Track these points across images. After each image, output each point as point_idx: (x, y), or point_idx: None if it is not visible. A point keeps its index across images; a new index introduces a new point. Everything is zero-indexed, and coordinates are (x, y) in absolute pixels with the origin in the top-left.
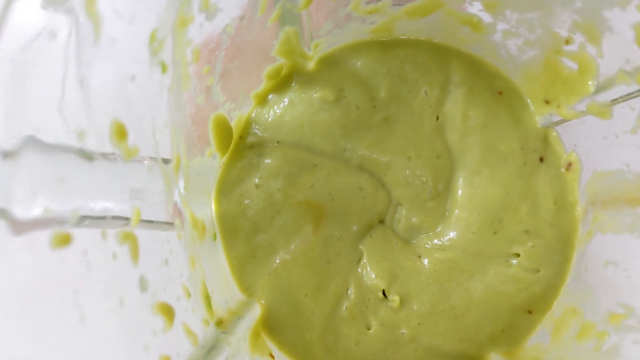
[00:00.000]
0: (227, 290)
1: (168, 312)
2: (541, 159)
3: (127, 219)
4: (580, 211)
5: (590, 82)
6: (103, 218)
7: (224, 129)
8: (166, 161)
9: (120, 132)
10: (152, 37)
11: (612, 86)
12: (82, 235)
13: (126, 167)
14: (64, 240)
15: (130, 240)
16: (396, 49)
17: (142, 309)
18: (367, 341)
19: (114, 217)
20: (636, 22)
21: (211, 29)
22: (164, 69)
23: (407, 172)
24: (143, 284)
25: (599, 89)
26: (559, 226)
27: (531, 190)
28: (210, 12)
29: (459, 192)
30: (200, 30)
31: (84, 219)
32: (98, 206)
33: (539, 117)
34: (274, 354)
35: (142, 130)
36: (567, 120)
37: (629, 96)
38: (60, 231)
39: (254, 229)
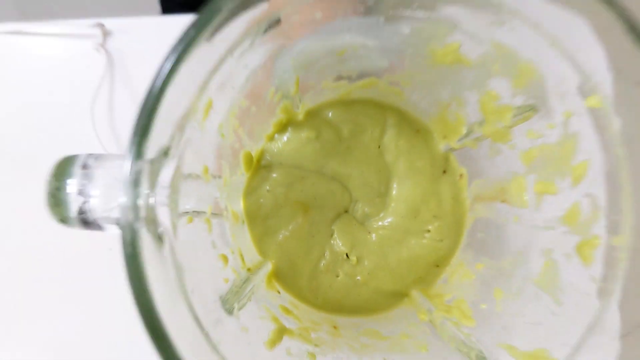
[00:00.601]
0: (251, 254)
1: (225, 259)
2: (444, 172)
3: (205, 212)
4: (468, 204)
5: (463, 128)
6: (198, 212)
7: (249, 158)
8: (218, 179)
9: (205, 170)
10: (220, 126)
11: (473, 132)
12: (194, 219)
13: (206, 185)
14: (190, 220)
15: (208, 223)
16: (353, 106)
17: (214, 256)
18: (337, 285)
19: (200, 212)
20: (478, 98)
21: (244, 108)
22: (222, 136)
23: (362, 180)
24: (214, 245)
25: (468, 133)
26: (455, 213)
27: (437, 191)
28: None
29: (394, 192)
30: (238, 109)
31: (194, 212)
32: (196, 205)
33: (441, 145)
34: (280, 291)
35: (212, 166)
36: (458, 149)
37: (482, 137)
38: (189, 216)
39: (266, 217)
